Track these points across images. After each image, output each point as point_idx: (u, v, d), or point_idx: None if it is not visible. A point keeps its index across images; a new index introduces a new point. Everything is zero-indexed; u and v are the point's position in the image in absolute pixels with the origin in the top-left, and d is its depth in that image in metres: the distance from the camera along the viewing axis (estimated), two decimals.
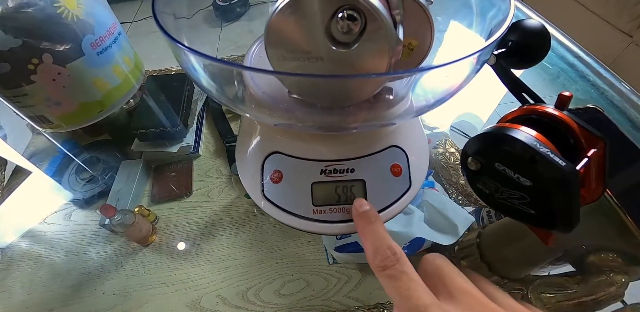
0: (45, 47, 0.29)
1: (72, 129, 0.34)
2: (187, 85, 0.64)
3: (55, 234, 0.55)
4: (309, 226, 0.22)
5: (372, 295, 0.47)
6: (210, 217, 0.55)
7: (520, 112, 0.25)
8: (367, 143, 0.23)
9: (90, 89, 0.32)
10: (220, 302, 0.47)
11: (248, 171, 0.24)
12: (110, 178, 0.59)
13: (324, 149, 0.22)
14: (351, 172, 0.22)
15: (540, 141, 0.20)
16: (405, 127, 0.25)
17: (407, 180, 0.23)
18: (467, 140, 0.24)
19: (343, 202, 0.22)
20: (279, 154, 0.23)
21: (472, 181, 0.24)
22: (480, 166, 0.22)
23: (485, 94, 0.98)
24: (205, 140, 0.65)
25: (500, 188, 0.22)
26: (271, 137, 0.24)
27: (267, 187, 0.23)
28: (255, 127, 0.25)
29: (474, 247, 0.42)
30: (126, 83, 0.34)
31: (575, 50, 0.42)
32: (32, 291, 0.49)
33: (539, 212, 0.20)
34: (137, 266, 0.51)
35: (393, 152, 0.23)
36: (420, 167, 0.25)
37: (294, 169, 0.22)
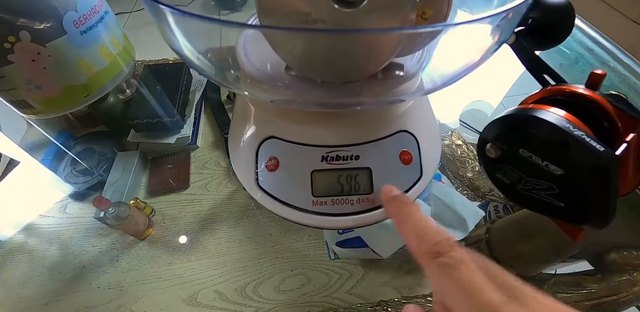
0: (23, 23, 0.26)
1: (56, 114, 0.32)
2: (185, 74, 0.62)
3: (50, 227, 0.53)
4: (309, 220, 0.19)
5: (374, 292, 0.45)
6: (208, 211, 0.53)
7: (544, 93, 0.22)
8: (373, 127, 0.20)
9: (74, 71, 0.30)
10: (217, 298, 0.45)
11: (241, 158, 0.22)
12: (106, 170, 0.56)
13: (326, 134, 0.20)
14: (356, 160, 0.19)
15: (573, 123, 0.17)
16: (415, 110, 0.22)
17: (417, 168, 0.21)
18: (485, 126, 0.21)
19: (346, 193, 0.19)
20: (275, 139, 0.20)
21: (490, 170, 0.21)
22: (501, 153, 0.20)
23: (492, 85, 0.94)
24: (203, 132, 0.62)
25: (524, 178, 0.19)
26: (267, 121, 0.21)
27: (262, 176, 0.20)
28: (249, 109, 0.22)
29: (483, 243, 0.39)
30: (114, 66, 0.32)
31: (594, 35, 0.38)
32: (26, 284, 0.47)
33: (569, 204, 0.18)
34: (132, 260, 0.49)
35: (402, 138, 0.21)
36: (432, 154, 0.22)
37: (292, 156, 0.20)
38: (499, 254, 0.38)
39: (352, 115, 0.20)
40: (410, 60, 0.20)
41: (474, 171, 0.49)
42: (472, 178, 0.48)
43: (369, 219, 0.19)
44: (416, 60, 0.20)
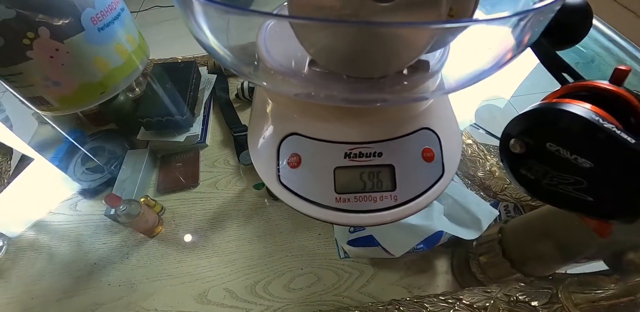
0: (42, 20, 0.26)
1: (73, 111, 0.32)
2: (194, 73, 0.62)
3: (60, 224, 0.54)
4: (331, 216, 0.19)
5: (385, 291, 0.44)
6: (218, 209, 0.53)
7: (566, 89, 0.22)
8: (396, 124, 0.20)
9: (90, 68, 0.30)
10: (227, 296, 0.44)
11: (262, 154, 0.21)
12: (115, 168, 0.57)
13: (348, 130, 0.19)
14: (378, 157, 0.19)
15: (602, 116, 0.17)
16: (436, 108, 0.22)
17: (439, 166, 0.21)
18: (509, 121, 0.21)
19: (369, 190, 0.19)
20: (297, 135, 0.20)
21: (513, 166, 0.21)
22: (525, 148, 0.20)
23: (499, 85, 0.94)
24: (212, 130, 0.62)
25: (551, 173, 0.19)
26: (288, 117, 0.21)
27: (283, 173, 0.20)
28: (269, 106, 0.22)
29: (496, 243, 0.39)
30: (129, 64, 0.32)
31: (610, 33, 0.38)
32: (37, 281, 0.48)
33: (598, 199, 0.17)
34: (143, 257, 0.49)
35: (424, 135, 0.20)
36: (453, 153, 0.22)
37: (315, 153, 0.20)
38: (512, 254, 0.37)
39: (375, 112, 0.20)
40: (433, 58, 0.20)
41: (485, 171, 0.49)
42: (482, 178, 0.48)
43: (392, 216, 0.19)
44: (438, 58, 0.20)
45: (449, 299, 0.35)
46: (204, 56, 0.70)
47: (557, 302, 0.30)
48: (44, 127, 0.66)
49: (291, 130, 0.20)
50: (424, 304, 0.35)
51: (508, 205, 0.52)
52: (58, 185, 0.58)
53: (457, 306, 0.34)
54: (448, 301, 0.35)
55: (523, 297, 0.32)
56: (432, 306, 0.35)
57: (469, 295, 0.34)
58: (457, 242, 0.43)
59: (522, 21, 0.15)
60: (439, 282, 0.45)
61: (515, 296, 0.32)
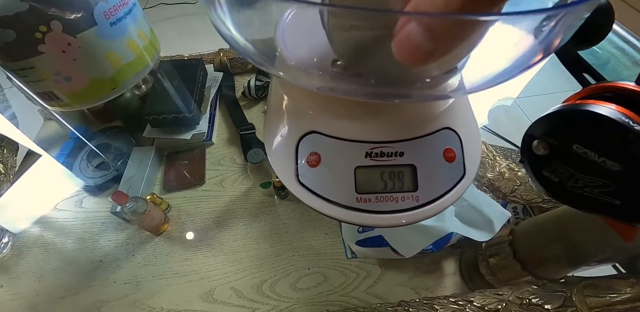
0: (55, 13, 0.25)
1: (83, 107, 0.31)
2: (201, 70, 0.61)
3: (66, 221, 0.53)
4: (352, 217, 0.18)
5: (392, 292, 0.44)
6: (224, 207, 0.52)
7: (589, 91, 0.22)
8: (417, 124, 0.20)
9: (102, 64, 0.29)
10: (234, 295, 0.44)
11: (279, 153, 0.21)
12: (121, 165, 0.56)
13: (369, 129, 0.19)
14: (400, 156, 0.19)
15: (632, 118, 0.17)
16: (457, 107, 0.21)
17: (461, 167, 0.20)
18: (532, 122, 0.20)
19: (390, 190, 0.19)
20: (316, 134, 0.20)
21: (536, 168, 0.20)
22: (549, 149, 0.19)
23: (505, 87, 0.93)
24: (218, 128, 0.62)
25: (576, 175, 0.18)
26: (307, 115, 0.20)
27: (302, 172, 0.20)
28: (287, 103, 0.22)
29: (506, 245, 0.38)
30: (140, 60, 0.31)
31: (624, 34, 0.38)
32: (43, 278, 0.47)
33: (625, 202, 0.17)
34: (149, 255, 0.48)
35: (446, 135, 0.20)
36: (474, 153, 0.21)
37: (335, 152, 0.19)
38: (524, 256, 0.37)
39: (396, 111, 0.20)
40: None
41: (494, 172, 0.48)
42: (492, 179, 0.48)
43: (413, 217, 0.19)
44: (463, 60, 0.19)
45: (460, 301, 0.34)
46: (210, 54, 0.69)
47: (571, 305, 0.30)
48: (49, 123, 0.66)
49: (310, 128, 0.20)
50: (434, 306, 0.35)
51: (517, 206, 0.52)
52: (64, 182, 0.57)
53: (468, 308, 0.33)
54: (459, 303, 0.34)
55: (536, 300, 0.31)
56: (442, 308, 0.34)
57: (480, 297, 0.34)
58: (466, 243, 0.43)
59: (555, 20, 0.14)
60: (447, 284, 0.44)
61: (527, 298, 0.31)
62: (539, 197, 0.43)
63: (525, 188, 0.45)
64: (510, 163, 0.48)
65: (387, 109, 0.20)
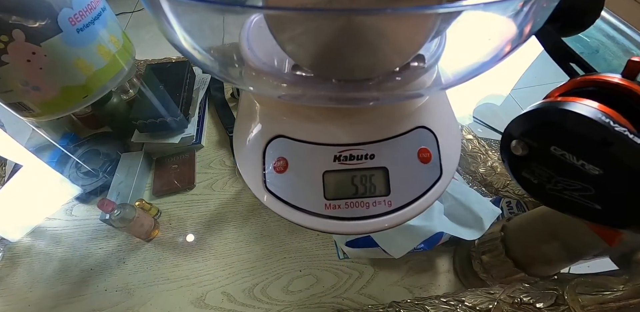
0: (16, 22, 0.24)
1: (56, 116, 0.30)
2: (188, 73, 0.60)
3: (56, 230, 0.53)
4: (321, 224, 0.17)
5: (385, 292, 0.43)
6: (214, 211, 0.52)
7: (572, 84, 0.20)
8: (389, 124, 0.18)
9: (71, 72, 0.28)
10: (225, 299, 0.43)
11: (247, 159, 0.20)
12: (111, 171, 0.55)
13: (338, 131, 0.18)
14: (370, 159, 0.18)
15: (612, 117, 0.15)
16: (432, 104, 0.20)
17: (437, 167, 0.19)
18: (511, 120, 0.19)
19: (361, 195, 0.18)
20: (283, 138, 0.18)
21: (515, 168, 0.19)
22: (528, 150, 0.18)
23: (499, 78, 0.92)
24: (207, 131, 0.61)
25: (555, 177, 0.17)
26: (274, 119, 0.19)
27: (269, 178, 0.19)
28: (255, 107, 0.21)
29: (498, 242, 0.37)
30: (113, 65, 0.30)
31: (615, 22, 0.36)
32: (34, 287, 0.47)
33: (607, 207, 0.16)
34: (139, 262, 0.48)
35: (420, 135, 0.19)
36: (452, 152, 0.20)
37: (302, 156, 0.18)
38: (516, 253, 0.36)
39: (366, 111, 0.18)
40: (428, 51, 0.18)
41: (486, 166, 0.47)
42: (484, 174, 0.46)
43: (385, 223, 0.18)
44: (434, 51, 0.18)
45: (451, 301, 0.34)
46: None
47: (563, 303, 0.29)
48: (38, 131, 0.65)
49: (277, 132, 0.19)
50: (425, 306, 0.34)
51: (510, 201, 0.50)
52: (53, 190, 0.57)
53: (460, 308, 0.33)
54: (450, 303, 0.33)
55: (527, 298, 0.30)
56: (433, 308, 0.34)
57: (471, 296, 0.33)
58: (459, 241, 0.42)
59: (525, 7, 0.13)
60: (441, 282, 0.44)
61: (519, 297, 0.30)
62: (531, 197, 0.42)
63: None
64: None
65: (356, 109, 0.18)
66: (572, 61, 0.24)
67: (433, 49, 0.18)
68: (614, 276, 0.28)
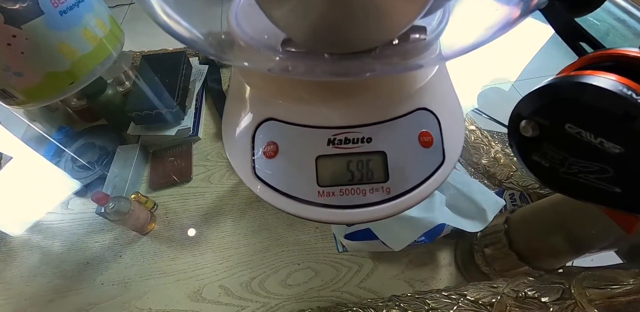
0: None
1: (42, 104, 0.29)
2: (184, 64, 0.58)
3: (52, 224, 0.52)
4: (314, 213, 0.16)
5: (385, 285, 0.42)
6: (211, 204, 0.50)
7: (585, 61, 0.19)
8: (387, 105, 0.17)
9: (55, 56, 0.27)
10: (222, 293, 0.42)
11: (236, 144, 0.19)
12: (107, 164, 0.54)
13: (332, 113, 0.16)
14: (368, 143, 0.16)
15: (635, 90, 0.14)
16: (434, 85, 0.19)
17: (439, 152, 0.17)
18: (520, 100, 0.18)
19: (357, 182, 0.16)
20: (273, 121, 0.17)
21: (524, 152, 0.18)
22: (539, 130, 0.16)
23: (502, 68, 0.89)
24: (205, 123, 0.59)
25: (569, 159, 0.16)
26: (264, 101, 0.18)
27: (259, 164, 0.17)
28: (245, 89, 0.19)
29: (502, 234, 0.36)
30: (101, 50, 0.29)
31: (625, 5, 0.34)
32: (30, 282, 0.46)
33: (627, 190, 0.14)
34: (136, 255, 0.47)
35: (421, 117, 0.17)
36: (455, 136, 0.19)
37: (293, 140, 0.17)
38: (520, 246, 0.34)
39: (363, 91, 0.17)
40: (430, 22, 0.16)
41: (489, 158, 0.45)
42: (487, 165, 0.45)
43: (383, 211, 0.16)
44: (437, 22, 0.16)
45: (452, 295, 0.32)
46: None
47: (569, 298, 0.27)
48: (34, 125, 0.64)
49: (267, 115, 0.17)
50: (426, 300, 0.33)
51: (514, 193, 0.49)
52: (49, 183, 0.56)
53: (462, 302, 0.31)
54: (451, 297, 0.32)
55: (532, 292, 0.29)
56: (434, 302, 0.32)
57: (473, 290, 0.32)
58: (461, 233, 0.40)
59: None
60: (442, 276, 0.42)
61: (523, 291, 0.29)
62: (536, 183, 0.41)
63: (521, 174, 0.42)
64: (505, 147, 0.46)
65: (352, 89, 0.17)
66: (582, 40, 0.22)
67: (436, 22, 0.17)
68: (623, 270, 0.27)
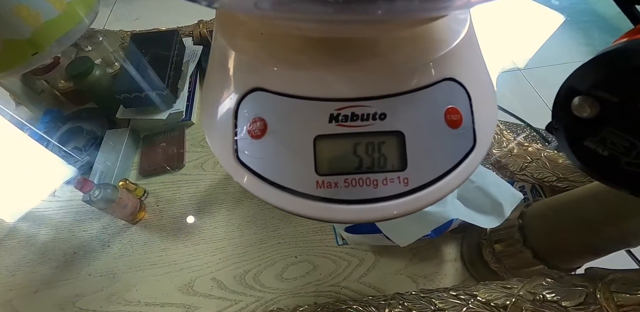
0: None
1: (3, 77, 0.25)
2: (176, 44, 0.54)
3: (38, 211, 0.49)
4: (310, 209, 0.12)
5: (386, 281, 0.39)
6: (205, 192, 0.47)
7: None
8: (407, 73, 0.13)
9: (12, 21, 0.22)
10: (215, 286, 0.40)
11: (215, 121, 0.15)
12: (95, 150, 0.50)
13: (335, 81, 0.12)
14: (381, 120, 0.12)
15: None
16: (462, 51, 0.15)
17: (470, 134, 0.14)
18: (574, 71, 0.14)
19: (366, 170, 0.13)
20: (261, 91, 0.13)
21: (574, 137, 0.14)
22: (599, 109, 0.13)
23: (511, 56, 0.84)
24: (198, 107, 0.55)
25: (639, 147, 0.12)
26: (251, 67, 0.14)
27: (242, 146, 0.13)
28: (228, 54, 0.15)
29: (515, 230, 0.33)
30: (69, 16, 0.24)
31: None
32: (16, 272, 0.43)
33: None
34: (125, 245, 0.44)
35: (449, 89, 0.13)
36: (488, 114, 0.15)
37: (286, 115, 0.13)
38: (535, 243, 0.31)
39: (376, 53, 0.13)
40: None
41: (502, 148, 0.42)
42: (499, 156, 0.41)
43: (399, 208, 0.13)
44: None
45: (462, 295, 0.29)
46: (188, 26, 0.61)
47: (594, 303, 0.24)
48: (20, 108, 0.60)
49: (253, 84, 0.13)
50: (432, 300, 0.30)
51: (524, 186, 0.45)
52: (36, 170, 0.52)
53: (472, 303, 0.28)
54: (460, 297, 0.29)
55: (551, 295, 0.26)
56: (441, 302, 0.29)
57: (485, 291, 0.29)
58: (468, 227, 0.37)
59: None
60: (447, 271, 0.39)
61: (541, 294, 0.26)
62: (553, 175, 0.37)
63: (537, 165, 0.39)
64: (519, 137, 0.42)
65: (361, 49, 0.13)
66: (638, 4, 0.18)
67: None
68: None
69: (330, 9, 0.08)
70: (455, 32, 0.15)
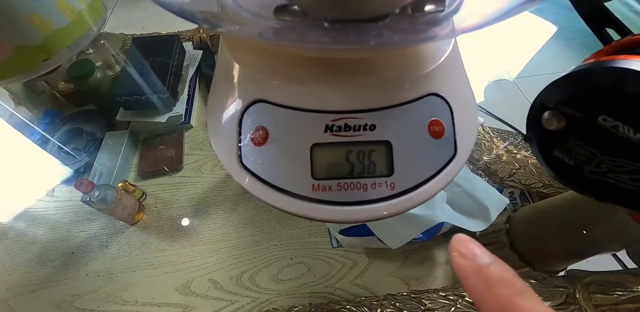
0: None
1: (14, 81, 0.26)
2: (177, 48, 0.55)
3: (37, 211, 0.49)
4: (307, 209, 0.14)
5: (379, 282, 0.40)
6: (202, 194, 0.48)
7: (615, 47, 0.17)
8: (395, 88, 0.15)
9: (26, 28, 0.24)
10: (212, 287, 0.41)
11: (221, 129, 0.16)
12: (94, 151, 0.52)
13: (331, 95, 0.14)
14: (371, 130, 0.14)
15: None
16: (446, 69, 0.16)
17: (451, 144, 0.15)
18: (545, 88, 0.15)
19: (357, 175, 0.14)
20: (264, 103, 0.15)
21: (545, 147, 0.16)
22: (565, 123, 0.14)
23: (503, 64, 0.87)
24: (197, 110, 0.56)
25: (599, 157, 0.14)
26: (254, 81, 0.15)
27: (245, 152, 0.15)
28: (233, 68, 0.17)
29: (502, 234, 0.34)
30: (79, 24, 0.26)
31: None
32: (13, 271, 0.44)
33: None
34: (123, 246, 0.45)
35: (432, 103, 0.15)
36: (468, 126, 0.16)
37: (286, 125, 0.14)
38: (521, 246, 0.33)
39: (367, 71, 0.15)
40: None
41: (491, 155, 0.43)
42: (488, 162, 0.43)
43: (386, 209, 0.14)
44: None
45: (450, 296, 0.31)
46: (189, 31, 0.63)
47: (573, 303, 0.26)
48: (20, 108, 0.61)
49: (257, 96, 0.15)
50: (422, 300, 0.31)
51: (514, 192, 0.47)
52: (34, 170, 0.53)
53: (459, 303, 0.30)
54: (449, 298, 0.31)
55: None
56: (431, 303, 0.31)
57: None
58: (458, 231, 0.39)
59: None
60: (438, 274, 0.41)
61: None
62: (540, 181, 0.39)
63: (524, 172, 0.40)
64: (508, 144, 0.44)
65: (354, 68, 0.15)
66: (610, 26, 0.20)
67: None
68: (633, 275, 0.25)
69: (327, 39, 0.10)
70: (440, 51, 0.16)
